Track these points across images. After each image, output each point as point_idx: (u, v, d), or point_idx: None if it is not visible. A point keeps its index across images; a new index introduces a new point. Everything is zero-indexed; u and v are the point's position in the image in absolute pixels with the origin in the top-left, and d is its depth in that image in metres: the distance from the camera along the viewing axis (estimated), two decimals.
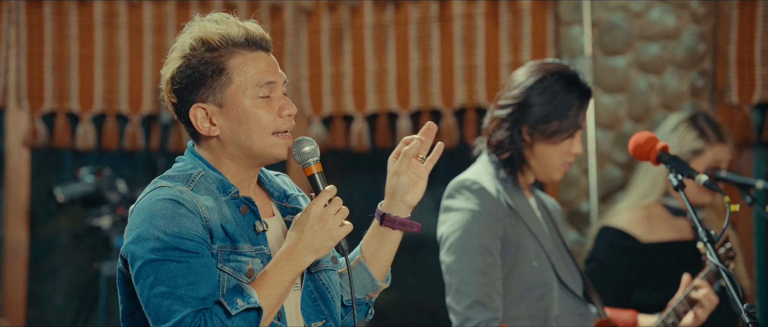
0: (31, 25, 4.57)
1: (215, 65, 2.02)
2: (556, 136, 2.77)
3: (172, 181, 2.02)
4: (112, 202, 4.32)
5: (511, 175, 2.81)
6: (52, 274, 4.78)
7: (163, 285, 1.92)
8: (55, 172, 4.76)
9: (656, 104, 4.38)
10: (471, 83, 4.63)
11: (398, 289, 4.91)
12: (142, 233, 1.95)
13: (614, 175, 4.42)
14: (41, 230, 4.74)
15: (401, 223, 2.15)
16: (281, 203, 2.15)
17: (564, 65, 2.85)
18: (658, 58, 4.37)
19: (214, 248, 1.98)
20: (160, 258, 1.93)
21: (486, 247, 2.71)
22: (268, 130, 2.04)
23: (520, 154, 2.79)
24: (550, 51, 4.51)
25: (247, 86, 2.03)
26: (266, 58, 2.07)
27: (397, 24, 4.70)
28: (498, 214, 2.75)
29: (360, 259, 2.18)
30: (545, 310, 2.77)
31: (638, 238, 3.48)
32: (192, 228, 1.95)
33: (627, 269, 3.45)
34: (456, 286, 2.71)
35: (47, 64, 4.60)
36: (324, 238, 2.01)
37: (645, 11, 4.37)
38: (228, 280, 1.97)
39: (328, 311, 2.11)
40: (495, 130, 2.81)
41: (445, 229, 2.79)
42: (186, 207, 1.96)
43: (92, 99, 4.64)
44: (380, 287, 2.21)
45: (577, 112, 2.78)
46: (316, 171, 2.07)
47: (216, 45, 2.03)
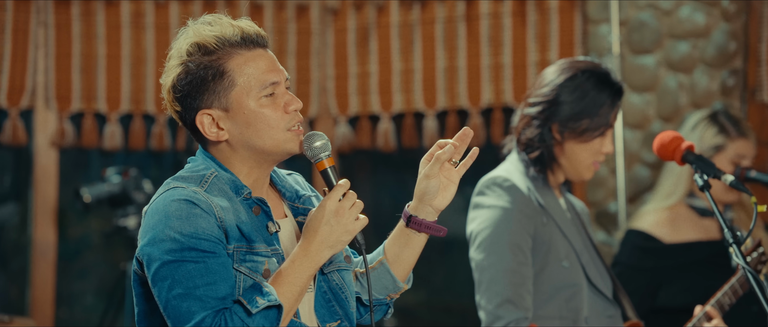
0: (59, 26, 4.59)
1: (215, 68, 2.00)
2: (586, 135, 2.75)
3: (185, 182, 2.01)
4: (138, 202, 4.33)
5: (541, 174, 2.78)
6: (79, 274, 4.80)
7: (181, 286, 1.91)
8: (82, 173, 4.77)
9: (686, 103, 4.35)
10: (498, 83, 4.60)
11: (427, 289, 4.90)
12: (157, 235, 1.94)
13: (643, 175, 4.39)
14: (69, 230, 4.76)
15: (427, 226, 2.13)
16: (293, 204, 2.14)
17: (595, 63, 2.82)
18: (688, 57, 4.33)
19: (229, 248, 1.97)
20: (177, 259, 1.92)
21: (517, 244, 2.69)
22: (278, 127, 2.02)
23: (550, 152, 2.77)
24: (577, 50, 4.48)
25: (250, 88, 2.01)
26: (265, 55, 2.04)
27: (423, 23, 4.68)
28: (529, 211, 2.72)
29: (383, 260, 2.16)
30: (575, 311, 2.75)
31: (661, 239, 3.44)
32: (208, 228, 1.94)
33: (651, 271, 3.42)
34: (486, 283, 2.69)
35: (75, 65, 4.61)
36: (340, 232, 1.98)
37: (675, 9, 4.34)
38: (244, 280, 1.96)
39: (343, 311, 2.10)
40: (525, 128, 2.79)
41: (475, 225, 2.76)
42: (201, 207, 1.95)
43: (119, 99, 4.65)
44: (401, 288, 2.19)
45: (608, 110, 2.76)
46: (329, 165, 2.05)
47: (213, 48, 2.00)
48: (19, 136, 4.57)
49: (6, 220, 4.74)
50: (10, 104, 4.55)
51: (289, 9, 4.75)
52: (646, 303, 3.36)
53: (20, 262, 4.70)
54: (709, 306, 2.84)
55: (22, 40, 4.54)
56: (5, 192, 4.77)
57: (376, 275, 2.16)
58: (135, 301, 2.06)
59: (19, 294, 4.70)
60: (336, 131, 4.74)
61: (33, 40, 4.56)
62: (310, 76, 4.77)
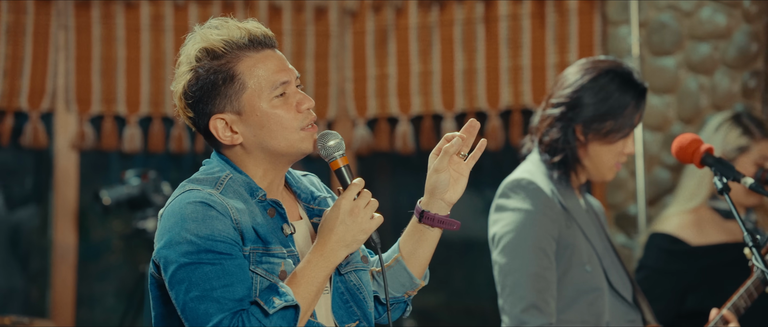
0: (79, 29, 4.62)
1: (225, 72, 1.99)
2: (611, 136, 2.72)
3: (200, 184, 2.00)
4: (157, 204, 4.33)
5: (564, 176, 2.76)
6: (100, 277, 4.82)
7: (198, 288, 1.91)
8: (102, 175, 4.79)
9: (707, 105, 4.32)
10: (517, 84, 4.59)
11: (447, 291, 4.89)
12: (173, 237, 1.93)
13: (663, 177, 4.36)
14: (89, 233, 4.78)
15: (440, 220, 2.11)
16: (308, 205, 2.13)
17: (617, 62, 2.79)
18: (709, 58, 4.30)
19: (245, 250, 1.96)
20: (193, 261, 1.91)
21: (541, 248, 2.66)
22: (291, 127, 2.01)
23: (573, 153, 2.74)
24: (597, 51, 4.46)
25: (262, 90, 2.00)
26: (273, 55, 2.03)
27: (442, 25, 4.68)
28: (553, 215, 2.69)
29: (398, 257, 2.15)
30: (597, 315, 2.71)
31: (688, 241, 3.41)
32: (223, 230, 1.93)
33: (678, 274, 3.39)
34: (510, 288, 2.66)
35: (95, 68, 4.63)
36: (356, 231, 1.98)
37: (695, 10, 4.31)
38: (260, 282, 1.95)
39: (361, 312, 2.09)
40: (547, 130, 2.75)
41: (498, 228, 2.73)
42: (216, 209, 1.94)
43: (139, 102, 4.67)
44: (418, 285, 2.18)
45: (633, 111, 2.73)
46: (343, 164, 2.03)
47: (221, 52, 2.00)
48: (40, 138, 4.60)
49: (25, 223, 4.76)
50: (30, 107, 4.58)
51: (307, 11, 4.76)
52: (673, 307, 3.33)
53: (41, 264, 4.72)
54: (725, 310, 2.81)
55: (43, 43, 4.57)
56: (26, 194, 4.80)
57: (392, 273, 2.15)
58: (152, 304, 2.06)
59: (39, 296, 4.72)
60: (354, 133, 4.73)
61: (53, 43, 4.59)
62: (328, 79, 4.77)
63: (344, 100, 4.76)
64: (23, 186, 4.81)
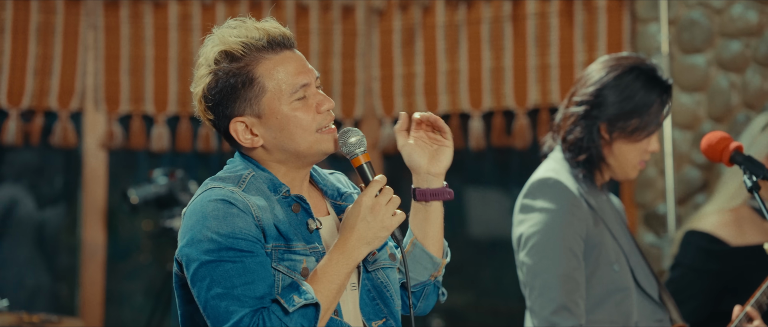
0: (108, 28, 4.64)
1: (244, 75, 1.99)
2: (636, 134, 2.69)
3: (222, 182, 2.00)
4: (184, 203, 4.31)
5: (588, 174, 2.73)
6: (128, 275, 4.84)
7: (220, 286, 1.91)
8: (130, 174, 4.81)
9: (738, 103, 4.27)
10: (544, 83, 4.56)
11: (474, 291, 4.87)
12: (195, 235, 1.93)
13: (693, 176, 4.32)
14: (118, 231, 4.79)
15: (432, 193, 2.12)
16: (335, 201, 2.13)
17: (641, 58, 2.76)
18: (740, 56, 4.25)
19: (267, 247, 1.96)
20: (215, 259, 1.91)
21: (570, 248, 2.63)
22: (311, 129, 2.02)
23: (598, 152, 2.71)
24: (626, 49, 4.42)
25: (281, 93, 2.00)
26: (293, 57, 2.03)
27: (469, 23, 4.66)
28: (580, 214, 2.66)
29: (413, 240, 2.14)
30: (625, 315, 2.69)
31: (727, 241, 3.36)
32: (245, 227, 1.93)
33: (715, 274, 3.34)
34: (539, 289, 2.63)
35: (123, 67, 4.65)
36: (377, 228, 1.97)
37: (726, 7, 4.26)
38: (282, 279, 1.95)
39: (388, 310, 2.09)
40: (571, 128, 2.72)
41: (525, 228, 2.70)
42: (238, 207, 1.94)
43: (166, 101, 4.69)
44: (440, 263, 2.17)
45: (658, 109, 2.70)
46: (365, 161, 2.03)
47: (239, 54, 1.99)
48: (69, 138, 4.63)
49: (54, 222, 4.80)
50: (60, 106, 4.61)
51: (334, 10, 4.75)
52: (708, 307, 3.28)
53: (70, 263, 4.75)
54: (749, 307, 2.78)
55: (72, 43, 4.60)
56: (55, 193, 4.83)
57: (413, 258, 2.15)
58: (177, 302, 2.06)
59: (69, 294, 4.75)
60: (381, 132, 4.72)
61: (82, 42, 4.61)
62: (355, 78, 4.76)
63: (371, 99, 4.75)
64: (52, 185, 4.84)
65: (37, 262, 4.75)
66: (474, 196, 4.83)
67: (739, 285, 3.34)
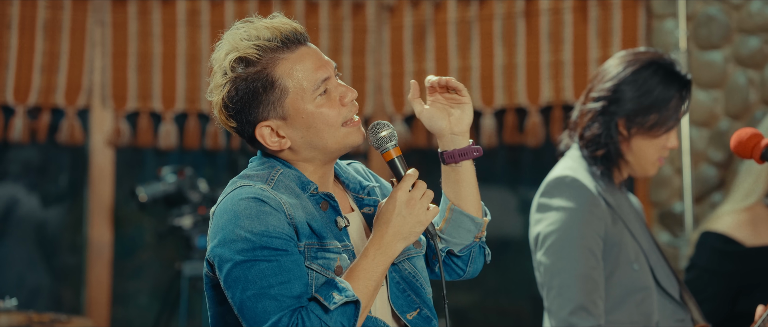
0: (115, 25, 4.61)
1: (263, 79, 1.96)
2: (655, 130, 2.65)
3: (252, 180, 1.98)
4: (194, 201, 4.33)
5: (607, 172, 2.69)
6: (135, 274, 4.83)
7: (255, 286, 1.88)
8: (138, 172, 4.80)
9: (756, 100, 4.22)
10: (558, 80, 4.52)
11: (480, 291, 4.82)
12: (228, 235, 1.91)
13: (710, 174, 4.27)
14: (125, 230, 4.78)
15: (461, 153, 2.08)
16: (357, 194, 2.11)
17: (659, 53, 2.72)
18: (759, 52, 4.20)
19: (300, 246, 1.94)
20: (249, 259, 1.89)
21: (588, 248, 2.59)
22: (337, 124, 2.00)
23: (616, 148, 2.67)
24: (641, 46, 4.35)
25: (304, 91, 1.97)
26: (309, 52, 2.00)
27: (481, 20, 4.61)
28: (599, 212, 2.62)
29: (450, 206, 2.11)
30: (646, 316, 2.65)
31: (743, 242, 3.33)
32: (278, 225, 1.91)
33: (731, 275, 3.31)
34: (557, 289, 2.59)
35: (131, 64, 4.63)
36: (412, 223, 1.95)
37: (744, 3, 4.21)
38: (316, 277, 1.93)
39: (420, 299, 2.07)
40: (589, 124, 2.68)
41: (542, 228, 2.66)
42: (270, 205, 1.91)
43: (174, 98, 4.66)
44: (482, 223, 2.13)
45: (677, 104, 2.66)
46: (396, 155, 2.01)
47: (255, 59, 1.95)
48: (76, 135, 4.61)
49: (61, 220, 4.77)
50: (67, 103, 4.58)
51: (344, 6, 4.72)
52: (724, 308, 3.25)
53: (76, 262, 4.73)
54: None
55: (79, 39, 4.57)
56: (62, 191, 4.81)
57: (454, 223, 2.11)
58: (208, 304, 2.04)
59: (74, 294, 4.73)
60: None
61: (90, 39, 4.59)
62: (365, 74, 4.73)
63: (381, 96, 4.71)
64: (59, 183, 4.82)
65: (43, 260, 4.73)
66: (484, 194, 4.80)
67: (755, 286, 3.31)
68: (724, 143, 4.20)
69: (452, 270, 2.17)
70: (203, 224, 4.30)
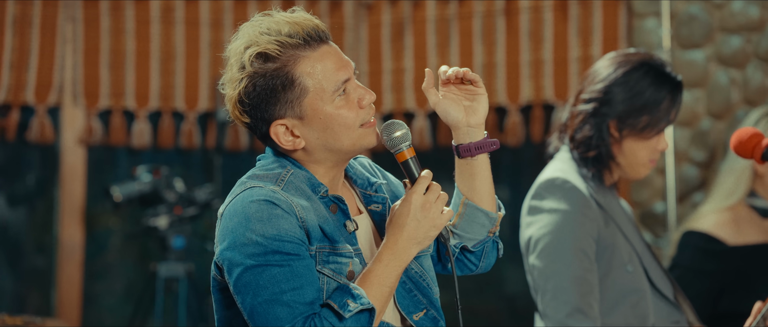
0: (87, 21, 4.55)
1: (283, 77, 1.90)
2: (647, 131, 2.65)
3: (261, 181, 1.93)
4: (170, 201, 4.31)
5: (598, 174, 2.68)
6: (107, 275, 4.77)
7: (267, 292, 1.84)
8: (110, 171, 4.76)
9: (738, 100, 4.23)
10: (538, 79, 4.50)
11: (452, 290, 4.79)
12: (238, 238, 1.87)
13: (691, 174, 4.28)
14: (96, 230, 4.74)
15: (477, 147, 2.03)
16: (365, 191, 2.07)
17: (649, 55, 2.73)
18: (741, 51, 4.21)
19: (312, 249, 1.90)
20: (260, 263, 1.85)
21: (582, 250, 2.58)
22: (355, 126, 1.95)
23: (608, 150, 2.67)
24: (622, 45, 4.38)
25: (324, 92, 1.92)
26: (330, 51, 1.94)
27: (460, 18, 4.59)
28: (591, 214, 2.62)
29: (464, 200, 2.07)
30: (641, 317, 2.64)
31: (725, 241, 3.35)
32: (290, 229, 1.86)
33: (714, 275, 3.32)
34: (552, 292, 2.58)
35: (103, 61, 4.58)
36: (427, 227, 1.92)
37: (726, 2, 4.23)
38: (328, 282, 1.89)
39: (427, 299, 2.04)
40: (580, 126, 2.67)
41: (534, 231, 2.64)
42: (282, 207, 1.87)
43: (148, 96, 4.62)
44: (497, 218, 2.09)
45: (669, 106, 2.66)
46: (410, 156, 1.96)
47: (275, 55, 1.90)
48: (46, 133, 4.55)
49: (30, 220, 4.71)
50: (37, 101, 4.52)
51: (322, 4, 4.69)
52: (708, 308, 3.26)
53: (45, 263, 4.68)
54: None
55: (50, 36, 4.51)
56: (31, 191, 4.76)
57: (468, 217, 2.08)
58: (215, 307, 2.00)
59: (42, 296, 4.68)
60: None
61: (61, 35, 4.52)
62: None
63: None
64: (28, 182, 4.77)
65: (4, 262, 4.66)
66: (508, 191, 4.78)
67: (738, 285, 3.33)
68: (706, 143, 4.20)
69: (464, 265, 2.14)
70: (179, 224, 4.28)
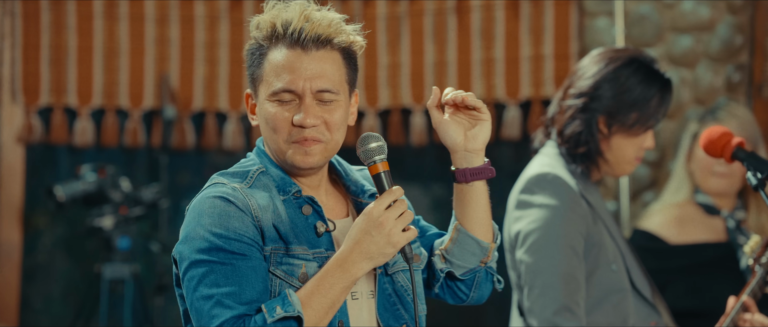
0: (26, 16, 4.46)
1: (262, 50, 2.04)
2: (636, 128, 2.65)
3: (228, 178, 1.96)
4: (115, 201, 4.24)
5: (586, 170, 2.68)
6: (46, 277, 4.68)
7: (206, 287, 1.86)
8: (51, 170, 4.67)
9: (688, 100, 4.26)
10: (489, 78, 4.49)
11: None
12: (190, 233, 1.90)
13: (642, 173, 4.31)
14: (36, 231, 4.65)
15: (472, 172, 2.00)
16: (356, 198, 2.03)
17: (638, 51, 2.74)
18: (691, 51, 4.25)
19: (266, 250, 1.89)
20: (204, 259, 1.87)
21: (571, 247, 2.57)
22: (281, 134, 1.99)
23: (597, 146, 2.66)
24: (573, 44, 4.38)
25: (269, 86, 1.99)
26: (301, 58, 2.00)
27: (411, 15, 4.55)
28: (581, 211, 2.61)
29: (457, 226, 2.04)
30: (622, 318, 2.64)
31: (667, 239, 3.40)
32: (240, 228, 1.87)
33: (654, 273, 3.34)
34: (539, 289, 2.56)
35: (44, 57, 4.49)
36: (382, 244, 1.86)
37: (677, 2, 4.26)
38: (280, 284, 1.89)
39: (409, 315, 2.00)
40: (569, 122, 2.67)
41: (523, 225, 2.63)
42: (236, 206, 1.89)
43: (91, 93, 4.52)
44: (489, 247, 2.04)
45: (658, 103, 2.67)
46: (383, 169, 1.92)
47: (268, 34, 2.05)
48: None
49: None
50: None
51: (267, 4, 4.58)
52: None
53: None
54: (745, 296, 2.70)
55: None
56: None
57: (459, 244, 2.04)
58: (179, 302, 2.01)
59: None
60: None
61: None
62: None
63: None
64: None
65: None
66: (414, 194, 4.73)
67: (678, 283, 3.36)
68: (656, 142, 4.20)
69: (455, 294, 2.09)
70: (124, 225, 4.23)
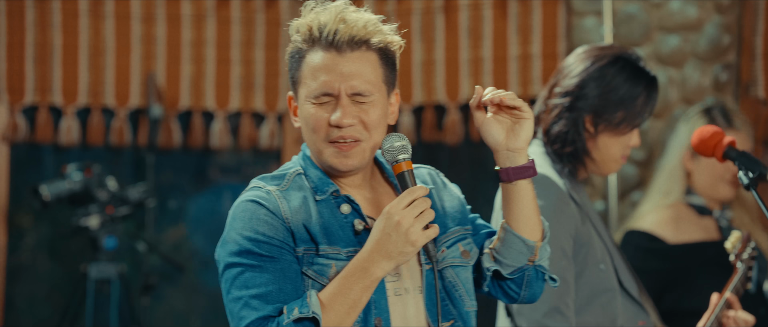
0: (11, 13, 4.43)
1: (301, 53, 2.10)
2: (622, 127, 2.63)
3: (265, 181, 2.00)
4: (101, 200, 4.21)
5: (573, 170, 2.66)
6: (30, 277, 4.64)
7: (237, 289, 1.91)
8: (35, 169, 4.64)
9: (676, 99, 4.26)
10: (477, 77, 4.48)
11: None
12: (225, 236, 1.96)
13: (630, 173, 4.30)
14: (20, 231, 4.62)
15: (514, 171, 2.00)
16: None
17: (624, 49, 2.71)
18: (679, 51, 4.24)
19: (298, 251, 1.93)
20: (236, 262, 1.92)
21: (561, 248, 2.54)
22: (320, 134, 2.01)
23: (583, 145, 2.64)
24: (561, 43, 4.38)
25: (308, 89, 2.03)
26: (337, 60, 2.04)
27: (399, 14, 4.54)
28: (570, 211, 2.58)
29: (503, 224, 2.04)
30: (611, 318, 2.62)
31: (666, 239, 3.38)
32: (269, 231, 1.91)
33: (656, 273, 3.34)
34: None
35: (28, 55, 4.46)
36: (401, 243, 1.86)
37: (664, 2, 4.26)
38: (312, 285, 1.92)
39: (457, 311, 2.02)
40: (555, 121, 2.64)
41: None
42: (267, 208, 1.93)
43: (76, 92, 4.50)
44: (535, 246, 2.04)
45: (644, 102, 2.64)
46: (406, 169, 1.93)
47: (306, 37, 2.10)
48: None
49: None
50: None
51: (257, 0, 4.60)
52: None
53: None
54: (728, 293, 2.70)
55: None
56: None
57: (506, 243, 2.04)
58: None
59: None
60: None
61: None
62: (279, 69, 4.62)
63: None
64: None
65: None
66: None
67: (679, 283, 3.36)
68: (644, 142, 4.22)
69: (505, 293, 2.10)
70: (111, 224, 4.20)
